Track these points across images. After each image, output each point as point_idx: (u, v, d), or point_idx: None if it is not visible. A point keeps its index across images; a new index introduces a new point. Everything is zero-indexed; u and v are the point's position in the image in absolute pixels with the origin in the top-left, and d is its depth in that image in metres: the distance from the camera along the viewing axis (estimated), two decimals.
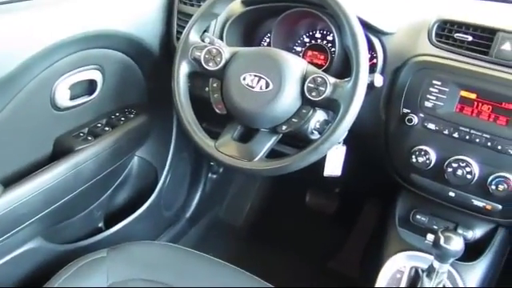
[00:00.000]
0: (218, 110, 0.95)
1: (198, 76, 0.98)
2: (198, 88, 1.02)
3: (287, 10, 1.03)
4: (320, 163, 0.96)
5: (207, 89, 0.97)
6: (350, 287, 1.37)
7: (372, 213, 1.55)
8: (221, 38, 1.10)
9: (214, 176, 1.64)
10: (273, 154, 0.93)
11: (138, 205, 1.32)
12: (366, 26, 0.93)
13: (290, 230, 1.66)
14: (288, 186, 1.68)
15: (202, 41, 0.97)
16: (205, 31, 1.00)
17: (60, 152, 1.03)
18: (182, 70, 0.95)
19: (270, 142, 0.92)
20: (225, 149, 0.93)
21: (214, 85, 0.95)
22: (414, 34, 0.98)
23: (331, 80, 0.86)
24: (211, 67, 0.93)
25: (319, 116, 0.92)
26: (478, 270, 1.00)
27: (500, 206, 0.93)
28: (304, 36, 1.12)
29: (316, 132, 0.93)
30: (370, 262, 1.10)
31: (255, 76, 0.89)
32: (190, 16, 0.98)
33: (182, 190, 1.53)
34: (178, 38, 1.15)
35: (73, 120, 1.06)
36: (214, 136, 0.95)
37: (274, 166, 0.88)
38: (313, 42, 1.12)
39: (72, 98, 1.02)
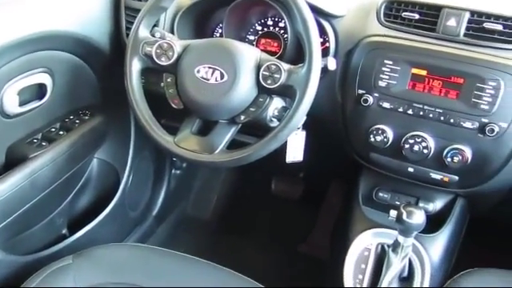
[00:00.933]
0: (174, 105, 0.94)
1: (152, 72, 0.96)
2: (152, 84, 1.01)
3: None
4: (282, 150, 0.96)
5: (162, 84, 0.95)
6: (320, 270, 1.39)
7: (337, 194, 1.58)
8: (172, 31, 1.08)
9: (178, 172, 1.63)
10: (234, 145, 0.92)
11: (101, 207, 1.29)
12: (316, 11, 0.93)
13: (259, 219, 1.67)
14: (252, 176, 1.68)
15: (153, 36, 0.95)
16: (155, 26, 0.98)
17: (13, 161, 0.99)
18: (134, 66, 0.93)
19: (229, 134, 0.92)
20: (185, 143, 0.92)
21: (168, 80, 0.94)
22: (363, 16, 0.99)
23: (285, 67, 0.86)
24: (164, 62, 0.91)
25: (277, 103, 0.93)
26: (440, 240, 1.03)
27: (457, 177, 0.96)
28: (256, 24, 1.12)
29: (275, 119, 0.93)
30: (338, 242, 1.12)
31: (209, 68, 0.88)
32: (138, 11, 0.95)
33: (146, 188, 1.51)
34: (128, 35, 1.12)
35: (24, 127, 1.02)
36: (174, 131, 0.94)
37: (235, 157, 0.88)
38: (265, 29, 1.11)
39: (21, 104, 0.98)
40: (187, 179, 1.70)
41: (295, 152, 1.02)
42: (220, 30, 1.14)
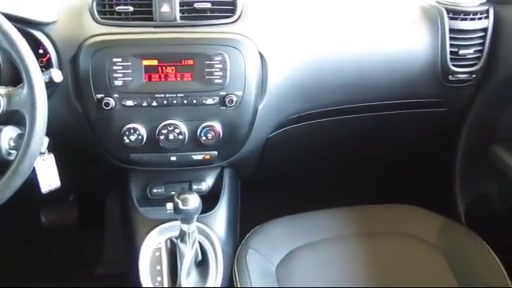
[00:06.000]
0: None
1: None
2: None
3: None
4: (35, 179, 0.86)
5: None
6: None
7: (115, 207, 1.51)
8: None
9: None
10: None
11: None
12: (18, 20, 0.83)
13: (42, 258, 1.48)
14: (19, 215, 1.47)
15: None
16: None
17: None
18: None
19: None
20: None
21: None
22: (77, 17, 0.93)
23: (2, 91, 0.75)
24: None
25: (10, 133, 0.80)
26: (221, 213, 1.08)
27: (216, 152, 1.00)
28: None
29: (13, 151, 0.81)
30: (128, 252, 1.07)
31: None
32: None
33: None
34: None
35: None
36: None
37: None
38: None
39: None
40: None
41: (49, 179, 0.92)
42: None
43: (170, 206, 0.92)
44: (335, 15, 1.09)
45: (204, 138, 0.96)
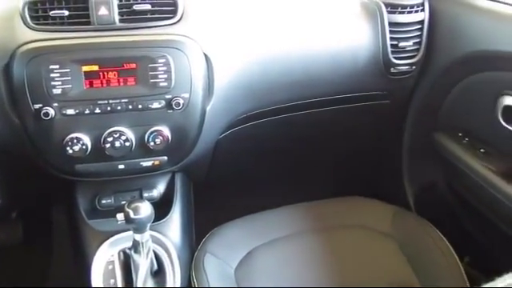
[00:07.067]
0: None
1: None
2: None
3: None
4: None
5: None
6: None
7: (63, 220, 1.44)
8: None
9: None
10: None
11: None
12: None
13: None
14: None
15: None
16: None
17: None
18: None
19: None
20: None
21: None
22: (7, 24, 0.88)
23: None
24: None
25: None
26: (174, 219, 1.05)
27: (166, 158, 0.97)
28: None
29: None
30: (80, 268, 1.02)
31: None
32: None
33: None
34: None
35: None
36: None
37: None
38: None
39: None
40: None
41: None
42: None
43: (120, 216, 0.89)
44: (279, 14, 1.09)
45: (152, 143, 0.93)
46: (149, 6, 0.90)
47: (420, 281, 1.00)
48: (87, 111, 0.89)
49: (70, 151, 0.90)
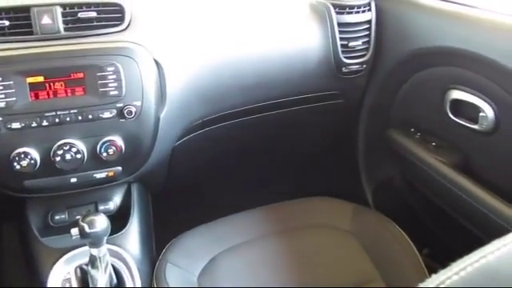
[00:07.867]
0: None
1: None
2: None
3: None
4: None
5: None
6: None
7: (15, 240, 1.37)
8: None
9: None
10: None
11: None
12: None
13: None
14: None
15: None
16: None
17: None
18: None
19: None
20: None
21: None
22: None
23: None
24: None
25: None
26: (133, 231, 1.02)
27: (120, 168, 0.95)
28: None
29: None
30: None
31: None
32: None
33: None
34: None
35: None
36: None
37: None
38: None
39: None
40: None
41: None
42: None
43: (75, 231, 0.85)
44: (228, 19, 1.09)
45: (105, 154, 0.90)
46: (94, 14, 0.88)
47: (381, 275, 1.01)
48: (34, 124, 0.85)
49: (18, 167, 0.86)
